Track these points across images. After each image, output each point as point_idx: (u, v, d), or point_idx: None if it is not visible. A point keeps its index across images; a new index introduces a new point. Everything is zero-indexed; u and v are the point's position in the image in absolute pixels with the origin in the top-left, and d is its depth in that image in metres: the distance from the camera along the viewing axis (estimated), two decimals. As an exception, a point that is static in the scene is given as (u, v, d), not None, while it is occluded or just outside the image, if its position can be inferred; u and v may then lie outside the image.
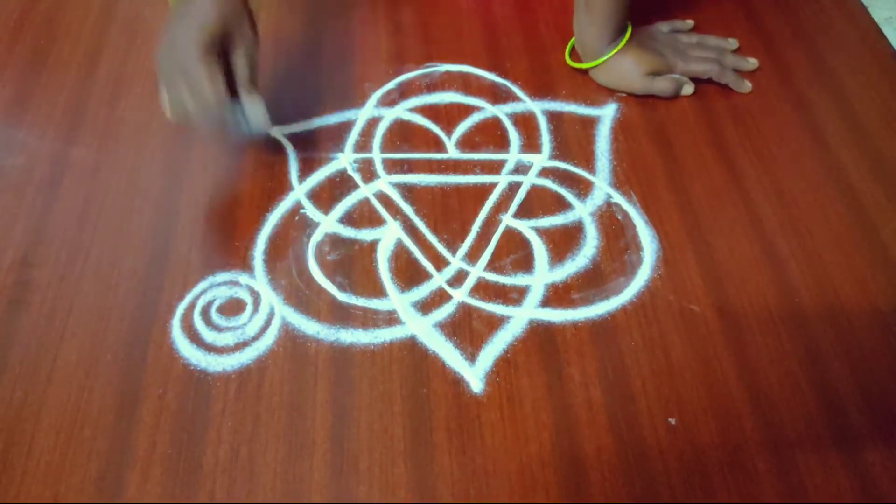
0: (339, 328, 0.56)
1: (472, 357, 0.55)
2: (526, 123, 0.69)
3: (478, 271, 0.59)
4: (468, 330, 0.56)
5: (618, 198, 0.64)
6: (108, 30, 0.78)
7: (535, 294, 0.58)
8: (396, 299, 0.58)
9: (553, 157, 0.67)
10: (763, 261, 0.60)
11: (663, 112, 0.70)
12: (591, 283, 0.58)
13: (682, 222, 0.62)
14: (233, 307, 0.57)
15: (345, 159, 0.67)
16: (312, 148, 0.67)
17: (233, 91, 0.57)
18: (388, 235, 0.61)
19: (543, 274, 0.59)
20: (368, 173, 0.66)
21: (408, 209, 0.63)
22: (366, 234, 0.62)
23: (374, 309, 0.57)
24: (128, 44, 0.76)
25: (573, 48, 0.74)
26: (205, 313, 0.57)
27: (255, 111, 0.57)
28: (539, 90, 0.72)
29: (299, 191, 0.64)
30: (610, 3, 0.67)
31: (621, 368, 0.54)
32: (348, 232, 0.62)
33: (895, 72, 0.74)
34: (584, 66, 0.72)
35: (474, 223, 0.62)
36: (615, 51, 0.69)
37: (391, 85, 0.72)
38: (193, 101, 0.55)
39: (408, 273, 0.59)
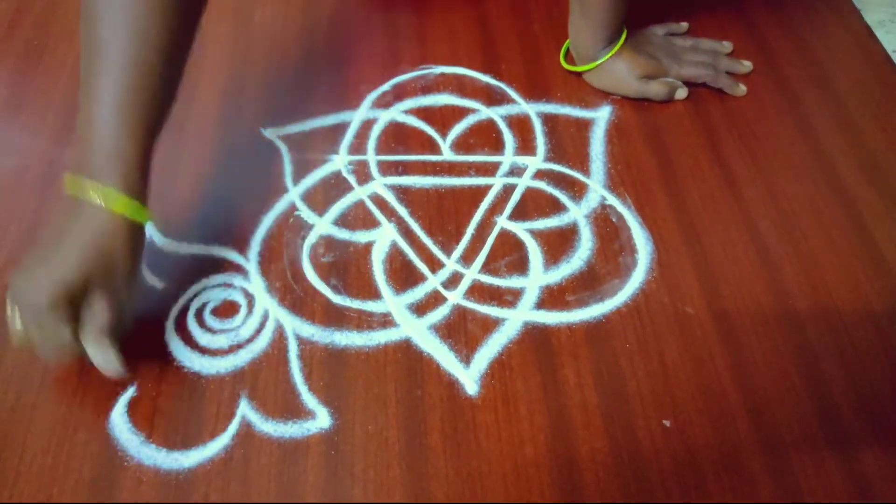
0: (334, 330, 0.56)
1: (466, 359, 0.55)
2: (521, 126, 0.69)
3: (472, 273, 0.59)
4: (463, 332, 0.56)
5: (612, 200, 0.64)
6: (103, 31, 0.77)
7: (530, 296, 0.58)
8: (391, 301, 0.58)
9: (548, 159, 0.67)
10: (757, 263, 0.60)
11: (658, 114, 0.70)
12: (586, 285, 0.59)
13: (677, 225, 0.62)
14: (227, 309, 0.57)
15: (339, 161, 0.66)
16: (307, 150, 0.67)
17: None
18: (383, 237, 0.61)
19: (538, 276, 0.59)
20: (363, 175, 0.66)
21: (402, 211, 0.63)
22: (360, 236, 0.62)
23: (368, 311, 0.57)
24: (122, 45, 0.76)
25: (568, 51, 0.74)
26: (199, 315, 0.57)
27: (99, 360, 0.50)
28: (534, 92, 0.72)
29: (294, 193, 0.64)
30: (605, 8, 0.67)
31: (616, 370, 0.54)
32: (343, 234, 0.62)
33: (888, 74, 0.74)
34: (578, 69, 0.72)
35: (469, 225, 0.62)
36: (609, 55, 0.69)
37: (386, 87, 0.72)
38: (39, 342, 0.50)
39: (402, 275, 0.59)
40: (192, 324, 0.56)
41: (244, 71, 0.74)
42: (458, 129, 0.69)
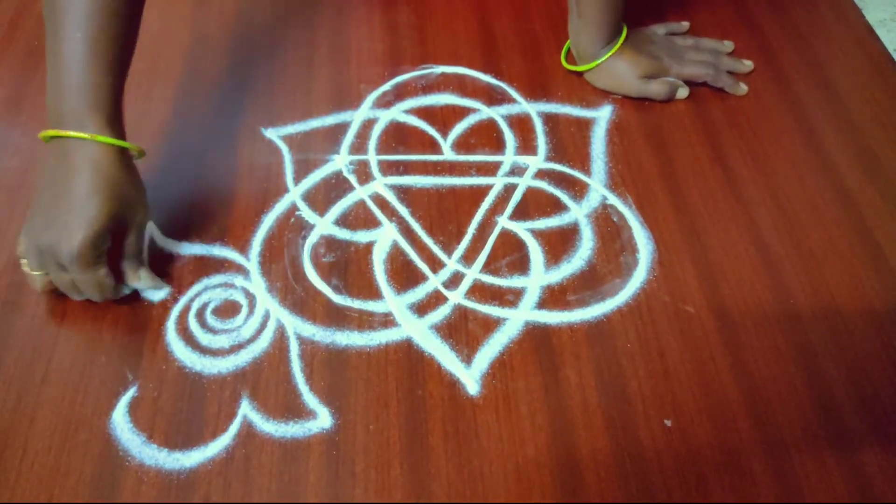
0: (335, 330, 0.56)
1: (468, 359, 0.55)
2: (521, 125, 0.69)
3: (473, 273, 0.59)
4: (464, 332, 0.56)
5: (613, 199, 0.64)
6: (103, 31, 0.77)
7: (531, 296, 0.58)
8: (392, 301, 0.58)
9: (549, 158, 0.67)
10: (758, 262, 0.60)
11: (659, 114, 0.70)
12: (587, 284, 0.59)
13: (678, 224, 0.62)
14: (228, 309, 0.57)
15: (340, 161, 0.66)
16: (308, 149, 0.67)
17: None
18: (384, 237, 0.61)
19: (539, 276, 0.59)
20: (364, 175, 0.66)
21: (403, 211, 0.63)
22: (361, 236, 0.62)
23: (369, 311, 0.57)
24: (122, 45, 0.76)
25: (569, 50, 0.74)
26: (200, 315, 0.57)
27: (142, 285, 0.56)
28: (534, 92, 0.72)
29: (294, 192, 0.64)
30: (602, 8, 0.67)
31: (617, 370, 0.54)
32: (344, 234, 0.62)
33: (889, 73, 0.74)
34: (579, 68, 0.72)
35: (470, 225, 0.62)
36: (609, 54, 0.69)
37: (387, 86, 0.72)
38: (75, 294, 0.55)
39: (403, 275, 0.59)
40: (193, 324, 0.56)
41: (245, 70, 0.74)
42: (458, 129, 0.69)
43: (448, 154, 0.67)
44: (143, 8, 0.58)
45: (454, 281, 0.59)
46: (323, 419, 0.52)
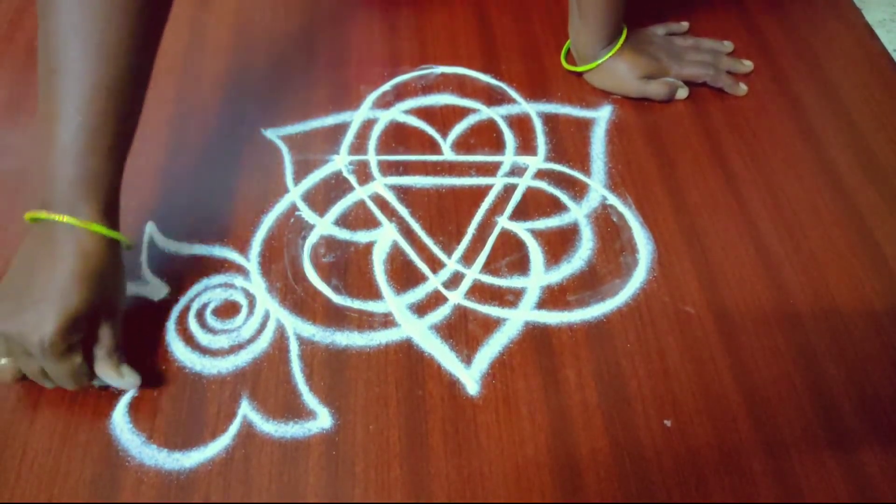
0: (335, 330, 0.56)
1: (467, 359, 0.55)
2: (521, 125, 0.69)
3: (473, 273, 0.59)
4: (464, 332, 0.56)
5: (613, 200, 0.64)
6: (103, 31, 0.77)
7: (531, 296, 0.58)
8: (392, 301, 0.58)
9: (548, 159, 0.67)
10: (758, 262, 0.60)
11: (658, 114, 0.70)
12: (587, 284, 0.59)
13: (678, 224, 0.62)
14: (228, 310, 0.57)
15: (340, 161, 0.67)
16: (308, 150, 0.67)
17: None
18: (384, 237, 0.61)
19: (539, 276, 0.59)
20: (364, 175, 0.66)
21: (403, 211, 0.63)
22: (361, 236, 0.62)
23: (369, 311, 0.57)
24: (122, 45, 0.76)
25: (569, 51, 0.74)
26: (200, 316, 0.57)
27: (118, 382, 0.51)
28: (534, 92, 0.72)
29: (294, 193, 0.64)
30: (603, 9, 0.67)
31: (617, 370, 0.54)
32: (344, 234, 0.62)
33: (889, 73, 0.74)
34: (578, 69, 0.72)
35: (470, 225, 0.62)
36: (609, 55, 0.69)
37: (386, 87, 0.72)
38: (47, 383, 0.51)
39: (403, 275, 0.59)
40: (193, 324, 0.56)
41: (245, 71, 0.74)
42: (458, 129, 0.69)
43: (448, 154, 0.67)
44: (148, 84, 0.53)
45: (454, 281, 0.59)
46: (323, 419, 0.52)
